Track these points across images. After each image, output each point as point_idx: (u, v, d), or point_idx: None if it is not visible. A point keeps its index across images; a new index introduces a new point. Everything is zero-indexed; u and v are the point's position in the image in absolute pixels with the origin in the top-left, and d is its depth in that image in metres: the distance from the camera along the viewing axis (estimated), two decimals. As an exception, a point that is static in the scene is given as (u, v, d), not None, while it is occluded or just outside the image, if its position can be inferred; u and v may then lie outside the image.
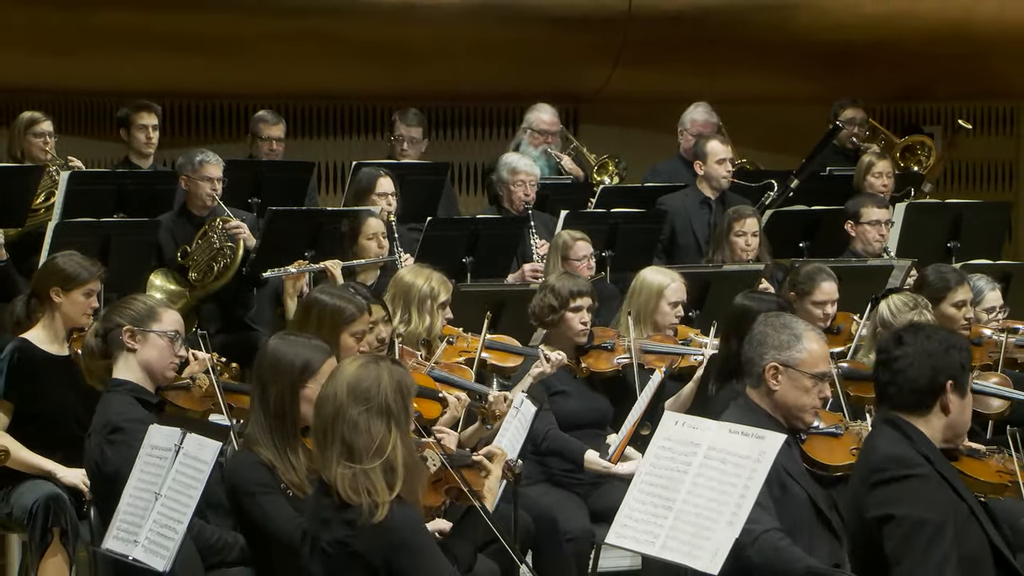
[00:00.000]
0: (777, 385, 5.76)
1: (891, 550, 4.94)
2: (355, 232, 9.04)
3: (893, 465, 5.03)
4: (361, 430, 4.85)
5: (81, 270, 7.42)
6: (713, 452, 5.44)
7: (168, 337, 6.32)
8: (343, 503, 4.83)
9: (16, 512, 7.27)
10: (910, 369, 5.13)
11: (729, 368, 6.99)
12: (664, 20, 12.41)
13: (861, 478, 5.12)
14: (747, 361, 5.87)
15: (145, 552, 5.50)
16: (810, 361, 5.77)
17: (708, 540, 5.31)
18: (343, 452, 4.85)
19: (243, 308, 9.54)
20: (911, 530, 4.95)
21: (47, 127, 10.10)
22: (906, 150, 12.11)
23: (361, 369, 4.95)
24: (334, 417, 4.88)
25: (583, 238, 9.12)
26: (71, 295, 7.39)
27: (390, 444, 4.86)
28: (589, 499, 7.52)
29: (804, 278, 8.24)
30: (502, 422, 6.71)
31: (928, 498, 4.98)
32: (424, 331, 7.57)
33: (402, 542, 4.83)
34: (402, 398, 4.93)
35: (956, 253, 10.12)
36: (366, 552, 4.83)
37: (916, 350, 5.15)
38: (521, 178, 10.17)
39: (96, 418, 6.31)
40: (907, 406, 5.13)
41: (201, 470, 5.46)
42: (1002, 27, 12.65)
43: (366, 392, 4.89)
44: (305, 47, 11.92)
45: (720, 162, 10.50)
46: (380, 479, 4.82)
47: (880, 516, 4.98)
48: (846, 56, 12.43)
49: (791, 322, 5.91)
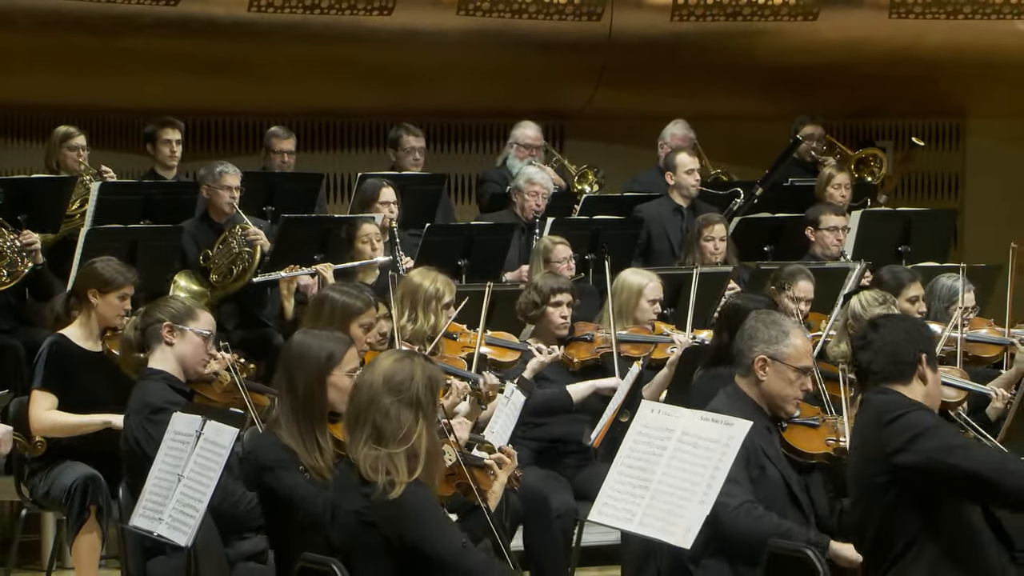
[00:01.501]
0: (764, 376, 5.84)
1: (933, 451, 4.99)
2: (351, 237, 9.05)
3: (895, 407, 5.11)
4: (391, 417, 4.93)
5: (117, 275, 7.44)
6: (686, 437, 5.45)
7: (202, 336, 6.36)
8: (363, 479, 4.90)
9: (54, 492, 7.26)
10: (889, 345, 5.19)
11: (718, 357, 7.06)
12: (641, 45, 12.42)
13: (871, 425, 5.15)
14: (738, 352, 5.95)
15: (169, 529, 5.50)
16: (795, 355, 5.84)
17: (681, 517, 5.32)
18: (372, 435, 4.93)
19: (259, 307, 9.52)
20: (940, 431, 5.05)
21: (81, 141, 10.09)
22: (860, 162, 12.12)
23: (397, 363, 5.02)
24: (368, 404, 4.96)
25: (562, 242, 9.17)
26: (107, 297, 7.40)
27: (416, 432, 4.94)
28: (574, 480, 7.52)
29: (786, 275, 8.30)
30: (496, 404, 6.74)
31: (934, 417, 5.11)
32: (429, 329, 7.57)
33: (415, 516, 4.88)
34: (431, 392, 5.02)
35: (907, 256, 10.11)
36: (380, 523, 4.88)
37: (891, 329, 5.22)
38: (536, 189, 10.22)
39: (132, 402, 6.37)
40: (890, 376, 5.18)
41: (220, 454, 5.46)
42: (950, 51, 12.65)
43: (399, 384, 4.97)
44: (315, 70, 11.93)
45: (689, 172, 10.53)
46: (403, 463, 4.89)
47: (908, 437, 5.03)
48: (806, 78, 12.44)
49: (780, 319, 6.01)
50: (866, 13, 12.69)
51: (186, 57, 11.62)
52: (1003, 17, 12.74)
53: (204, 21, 11.64)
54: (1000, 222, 12.86)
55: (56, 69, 11.38)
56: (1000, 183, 13.19)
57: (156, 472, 5.67)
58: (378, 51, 11.98)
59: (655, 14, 12.49)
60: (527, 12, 12.29)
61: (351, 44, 11.97)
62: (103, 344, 7.39)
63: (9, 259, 8.84)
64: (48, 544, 8.27)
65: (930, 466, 4.99)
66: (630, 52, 12.40)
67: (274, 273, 9.00)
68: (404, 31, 12.01)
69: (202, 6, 11.63)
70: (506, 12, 12.25)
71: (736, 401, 5.83)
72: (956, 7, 12.71)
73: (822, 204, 10.34)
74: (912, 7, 12.71)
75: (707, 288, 8.76)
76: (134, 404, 6.34)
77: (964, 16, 12.72)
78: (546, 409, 7.50)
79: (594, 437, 7.42)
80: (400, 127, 11.17)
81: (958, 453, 4.98)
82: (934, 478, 4.99)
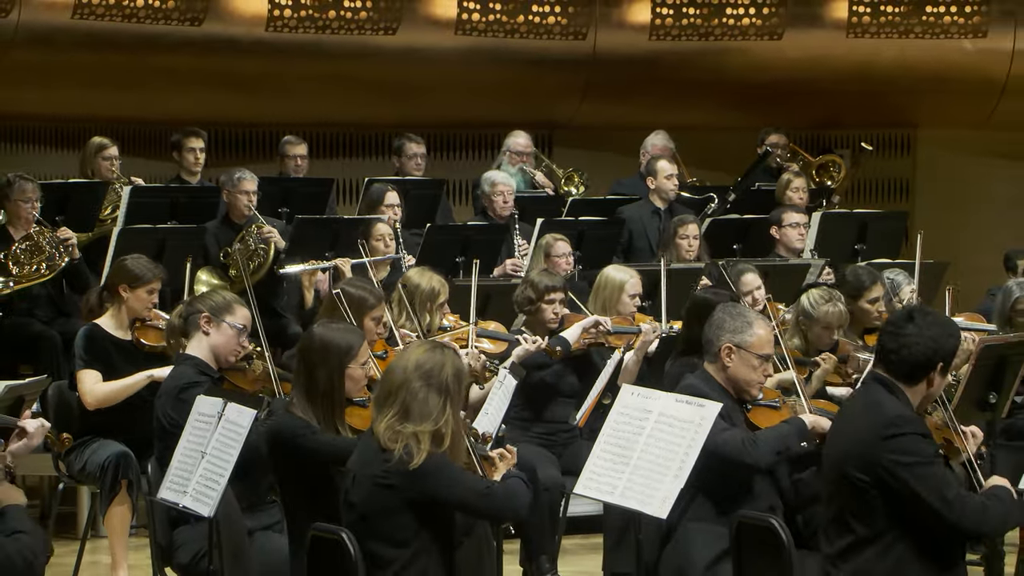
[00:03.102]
0: (730, 362, 5.82)
1: (916, 483, 4.84)
2: (366, 236, 9.03)
3: (904, 423, 4.92)
4: (420, 400, 4.93)
5: (146, 271, 7.44)
6: (663, 417, 5.45)
7: (236, 328, 6.32)
8: (382, 448, 4.92)
9: (89, 467, 7.26)
10: (915, 347, 4.97)
11: (688, 348, 6.98)
12: (622, 63, 12.41)
13: (872, 428, 4.95)
14: (706, 341, 5.92)
15: (193, 501, 5.50)
16: (758, 344, 5.83)
17: (658, 490, 5.32)
18: (399, 413, 4.93)
19: (274, 299, 9.51)
20: (929, 467, 4.88)
21: (114, 151, 10.10)
22: (820, 168, 12.10)
23: (429, 352, 5.04)
24: (400, 385, 4.97)
25: (563, 239, 9.12)
26: (136, 292, 7.39)
27: (444, 417, 4.95)
28: (560, 457, 7.51)
29: (733, 275, 8.24)
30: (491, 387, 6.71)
31: (930, 447, 4.94)
32: (426, 326, 7.55)
33: (436, 472, 4.89)
34: (458, 382, 5.03)
35: (862, 254, 10.09)
36: (399, 486, 4.88)
37: (923, 332, 4.98)
38: (500, 189, 10.20)
39: (163, 384, 6.33)
40: (902, 375, 5.00)
41: (240, 433, 5.46)
42: (902, 68, 12.64)
43: (430, 371, 4.97)
44: (326, 84, 11.91)
45: (668, 177, 10.52)
46: (427, 440, 4.91)
47: (903, 462, 4.86)
48: (772, 92, 12.42)
49: (744, 311, 6.02)
50: (826, 33, 12.69)
51: (209, 73, 11.60)
52: (951, 37, 12.74)
53: (226, 40, 11.64)
54: (946, 224, 12.89)
55: (91, 84, 11.37)
56: (947, 188, 13.19)
57: (181, 449, 5.67)
58: (383, 68, 11.97)
59: (635, 34, 12.49)
60: (519, 32, 12.30)
61: (359, 61, 11.96)
62: (133, 334, 7.40)
63: (48, 253, 8.85)
64: (83, 515, 8.25)
65: (911, 497, 4.85)
66: (612, 68, 12.39)
67: (299, 265, 8.97)
68: (407, 49, 12.00)
69: (224, 26, 11.63)
70: (499, 32, 12.26)
71: (705, 384, 5.80)
72: (908, 27, 12.71)
73: (784, 205, 10.36)
74: (868, 27, 12.70)
75: (682, 283, 8.74)
76: (163, 387, 6.34)
77: (915, 36, 12.72)
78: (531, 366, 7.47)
79: (579, 417, 7.41)
80: (403, 136, 11.18)
81: (945, 502, 4.83)
82: (910, 505, 4.86)
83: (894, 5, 12.68)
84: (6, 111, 11.38)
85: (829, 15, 12.70)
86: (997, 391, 7.13)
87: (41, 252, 8.84)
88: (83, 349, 7.34)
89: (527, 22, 12.30)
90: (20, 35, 11.11)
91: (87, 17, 11.26)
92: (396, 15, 12.01)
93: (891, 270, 8.52)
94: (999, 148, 13.04)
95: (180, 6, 11.48)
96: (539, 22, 12.32)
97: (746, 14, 12.55)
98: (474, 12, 12.19)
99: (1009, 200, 13.04)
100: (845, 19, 12.68)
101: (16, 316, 8.95)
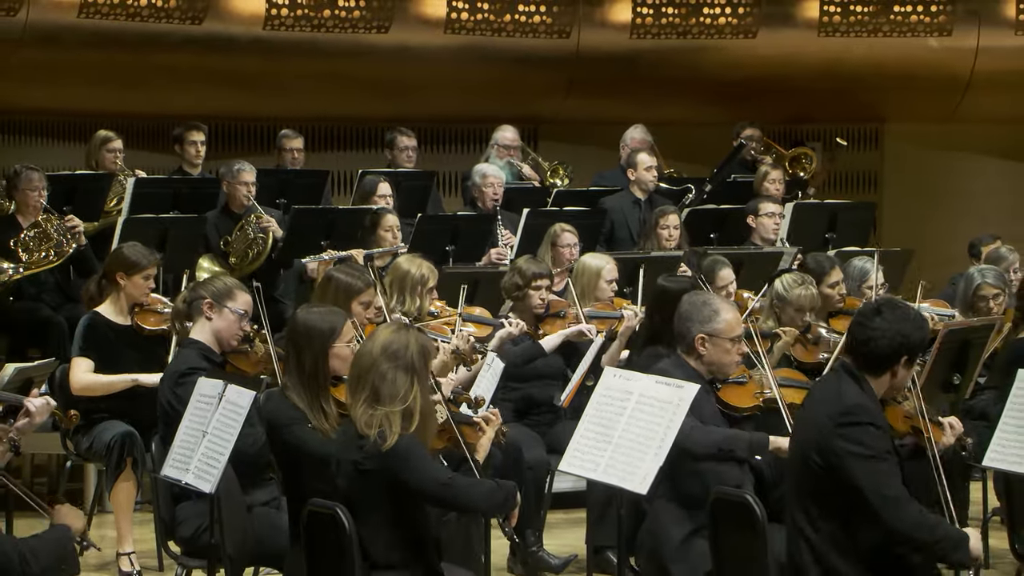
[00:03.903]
0: (705, 351, 5.81)
1: (859, 474, 4.82)
2: (375, 225, 9.00)
3: (861, 412, 4.90)
4: (388, 380, 4.90)
5: (141, 258, 7.41)
6: (643, 398, 5.44)
7: (238, 314, 6.31)
8: (359, 435, 4.89)
9: (96, 446, 7.25)
10: (881, 340, 4.94)
11: (651, 336, 6.95)
12: (604, 60, 12.40)
13: (829, 415, 4.94)
14: (678, 334, 5.89)
15: (195, 477, 5.49)
16: (727, 329, 5.81)
17: (639, 467, 5.32)
18: (370, 396, 4.90)
19: (272, 285, 9.49)
20: (876, 461, 4.85)
21: (118, 144, 10.08)
22: (793, 160, 12.10)
23: (394, 334, 5.00)
24: (368, 369, 4.94)
25: (570, 230, 9.00)
26: (133, 278, 7.37)
27: (412, 394, 4.91)
28: (546, 436, 7.51)
29: (706, 270, 8.18)
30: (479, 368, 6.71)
31: (881, 442, 4.90)
32: (415, 309, 7.54)
33: (404, 456, 4.85)
34: (424, 359, 4.99)
35: (833, 242, 10.11)
36: (375, 470, 4.86)
37: (891, 326, 4.95)
38: (490, 181, 10.16)
39: (168, 367, 6.36)
40: (867, 366, 4.99)
41: (239, 413, 5.45)
42: (870, 65, 12.64)
43: (396, 352, 4.94)
44: (321, 81, 11.91)
45: (647, 169, 10.51)
46: (398, 420, 4.87)
47: (851, 451, 4.84)
48: (746, 89, 12.42)
49: (710, 299, 5.96)
50: (798, 32, 12.70)
51: (209, 70, 11.60)
52: (917, 35, 12.75)
53: (225, 39, 11.63)
54: (912, 214, 12.93)
55: (96, 81, 11.36)
56: (914, 180, 13.21)
57: (184, 429, 5.66)
58: (376, 65, 11.97)
59: (616, 33, 12.49)
60: (505, 31, 12.30)
61: (352, 59, 11.95)
62: (132, 319, 7.39)
63: (55, 240, 8.84)
64: (90, 491, 8.26)
65: (854, 488, 4.84)
66: (595, 66, 12.39)
67: (318, 256, 8.92)
68: (398, 47, 12.00)
69: (224, 26, 11.63)
70: (487, 31, 12.27)
71: (678, 367, 5.79)
72: (876, 27, 12.72)
73: (761, 196, 10.33)
74: (838, 27, 12.71)
75: (661, 270, 8.73)
76: (168, 370, 6.36)
77: (883, 34, 12.73)
78: (524, 359, 7.47)
79: (564, 398, 7.41)
80: (395, 130, 11.15)
81: (884, 499, 4.80)
82: (853, 494, 4.85)
83: (863, 5, 12.70)
84: (15, 106, 11.39)
85: (801, 15, 12.72)
86: (961, 373, 7.17)
87: (49, 239, 8.83)
88: (81, 337, 7.36)
89: (513, 21, 12.31)
90: (28, 34, 11.10)
91: (92, 16, 11.27)
92: (388, 14, 12.01)
93: (859, 258, 8.52)
94: (963, 142, 13.07)
95: (181, 6, 11.48)
96: (525, 21, 12.33)
97: (722, 14, 12.56)
98: (463, 12, 12.19)
99: (973, 191, 13.07)
100: (816, 18, 12.69)
101: (25, 301, 8.94)
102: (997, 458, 5.47)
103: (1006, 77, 12.60)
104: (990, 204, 12.90)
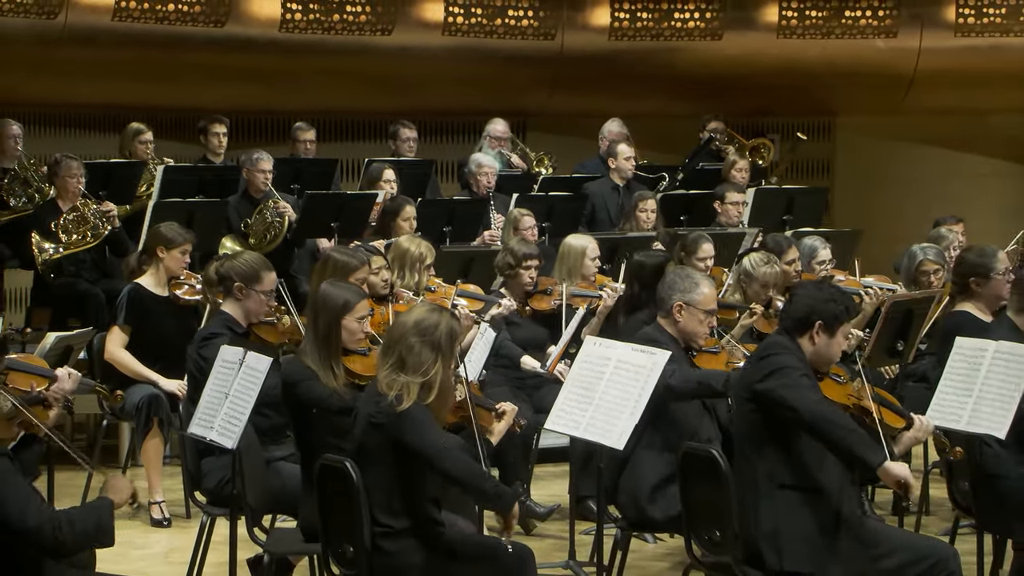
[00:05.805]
0: (681, 318, 5.85)
1: (780, 389, 4.88)
2: (395, 214, 8.93)
3: (776, 347, 5.03)
4: (415, 353, 4.84)
5: (177, 235, 7.46)
6: (620, 363, 5.45)
7: (265, 295, 6.28)
8: (379, 392, 4.86)
9: (127, 407, 7.26)
10: (797, 303, 5.08)
11: (632, 305, 7.00)
12: (585, 59, 12.38)
13: (752, 359, 5.12)
14: (660, 299, 5.95)
15: (218, 435, 5.49)
16: (704, 301, 5.85)
17: (616, 425, 5.33)
18: (396, 363, 4.85)
19: (288, 262, 9.47)
20: (792, 374, 4.91)
21: (149, 136, 10.06)
22: (752, 149, 12.08)
23: (428, 313, 4.94)
24: (399, 339, 4.88)
25: (528, 214, 9.07)
26: (171, 252, 7.40)
27: (434, 369, 4.84)
28: (533, 397, 7.51)
29: (691, 242, 8.17)
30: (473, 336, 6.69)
31: (799, 364, 4.98)
32: (414, 285, 7.52)
33: (412, 421, 4.82)
34: (451, 340, 4.91)
35: (790, 223, 10.10)
36: (385, 425, 4.84)
37: (805, 293, 5.11)
38: (484, 169, 10.13)
39: (197, 333, 6.39)
40: (788, 328, 5.09)
41: (258, 377, 5.44)
42: (824, 64, 12.63)
43: (426, 329, 4.87)
44: (332, 78, 11.87)
45: (627, 159, 10.50)
46: (416, 389, 4.82)
47: (768, 371, 4.93)
48: (712, 85, 12.41)
49: (692, 273, 6.04)
50: (759, 35, 12.68)
51: (230, 68, 11.57)
52: (866, 37, 12.74)
53: (245, 40, 11.61)
54: (861, 198, 12.93)
55: (129, 77, 11.32)
56: (862, 167, 13.22)
57: (208, 391, 5.65)
58: (380, 64, 11.94)
59: (596, 35, 12.48)
60: (496, 33, 12.30)
61: (359, 58, 11.92)
62: (170, 290, 7.40)
63: (92, 223, 8.83)
64: (124, 447, 8.26)
65: (771, 396, 4.90)
66: (577, 65, 12.38)
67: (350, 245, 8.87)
68: (400, 48, 11.98)
69: (243, 28, 11.61)
70: (480, 33, 12.26)
71: (660, 335, 5.84)
72: (829, 29, 12.71)
73: (727, 183, 10.33)
74: (795, 29, 12.71)
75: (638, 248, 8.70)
76: (196, 335, 6.39)
77: (836, 36, 12.72)
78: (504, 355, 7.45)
79: (548, 364, 7.42)
80: (398, 123, 11.12)
81: (792, 391, 4.85)
82: (773, 406, 4.90)
83: (818, 10, 12.70)
84: (56, 100, 11.36)
85: (762, 18, 12.71)
86: (904, 340, 7.19)
87: (86, 222, 8.81)
88: (125, 306, 7.37)
89: (504, 24, 12.32)
90: (67, 35, 11.06)
91: (125, 19, 11.25)
92: (391, 18, 11.99)
93: (809, 237, 8.50)
94: (907, 133, 13.08)
95: (205, 10, 11.46)
96: (514, 24, 12.35)
97: (691, 18, 12.57)
98: (458, 15, 12.19)
99: (915, 177, 13.09)
100: (776, 22, 12.69)
101: (65, 277, 8.92)
102: (936, 416, 5.47)
103: (946, 75, 12.62)
104: (931, 189, 12.91)
